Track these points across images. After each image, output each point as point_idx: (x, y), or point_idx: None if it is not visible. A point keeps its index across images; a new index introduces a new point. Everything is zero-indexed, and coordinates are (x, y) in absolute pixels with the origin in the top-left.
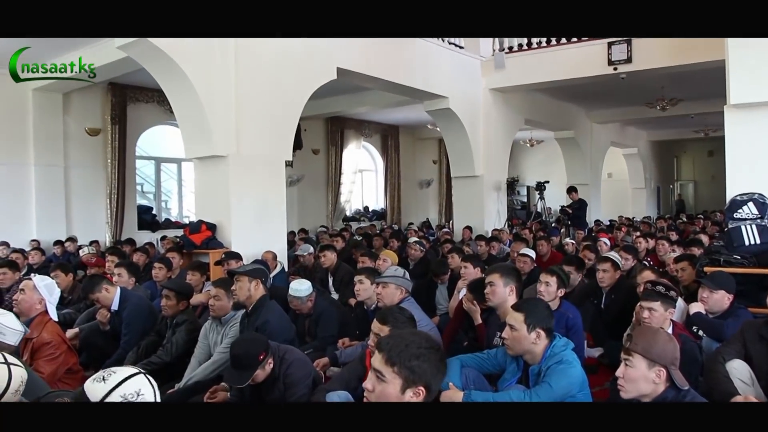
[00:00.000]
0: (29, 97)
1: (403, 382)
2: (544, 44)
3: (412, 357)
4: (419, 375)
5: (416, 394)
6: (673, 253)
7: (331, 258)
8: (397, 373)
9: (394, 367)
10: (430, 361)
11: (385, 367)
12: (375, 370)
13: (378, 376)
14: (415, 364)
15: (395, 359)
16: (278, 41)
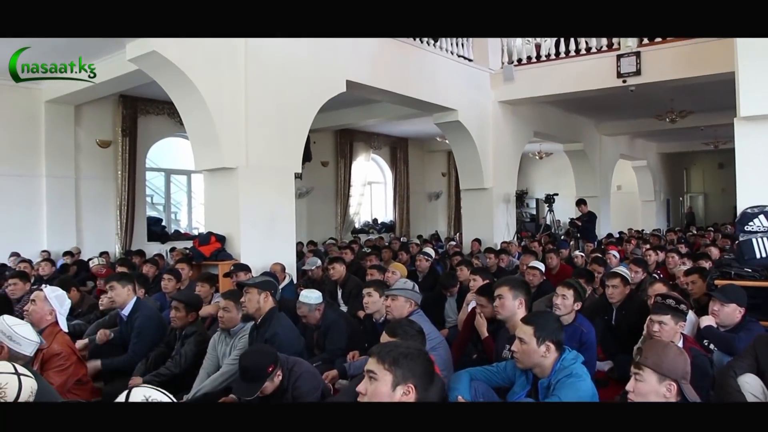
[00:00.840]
0: (42, 109)
1: (393, 379)
2: (553, 57)
3: (400, 355)
4: (409, 372)
5: (406, 393)
6: (683, 266)
7: (340, 270)
8: (387, 369)
9: (384, 363)
10: (417, 361)
11: (376, 365)
12: (367, 371)
13: (370, 375)
14: (404, 362)
15: (385, 357)
16: (288, 53)
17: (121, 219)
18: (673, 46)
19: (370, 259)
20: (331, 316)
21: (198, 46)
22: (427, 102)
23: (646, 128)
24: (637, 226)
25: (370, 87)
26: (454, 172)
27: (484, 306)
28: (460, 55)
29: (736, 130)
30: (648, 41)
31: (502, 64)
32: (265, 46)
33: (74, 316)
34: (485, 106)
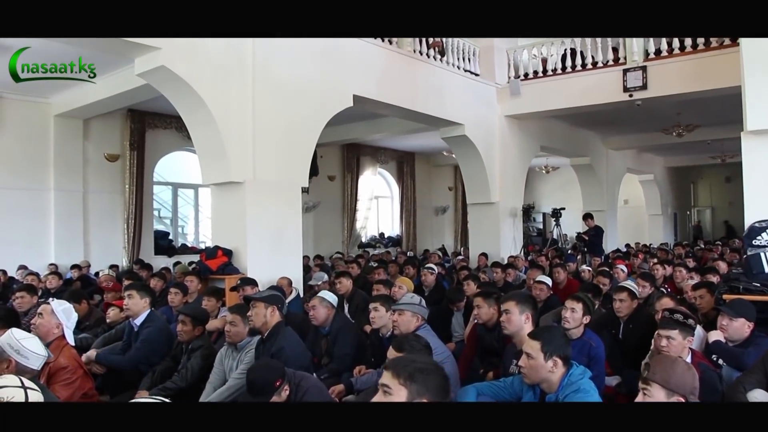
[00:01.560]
0: (51, 123)
1: (408, 394)
2: (559, 71)
3: (416, 371)
4: (423, 387)
5: None
6: (690, 281)
7: (347, 285)
8: (402, 384)
9: (400, 378)
10: (433, 376)
11: (391, 380)
12: (382, 385)
13: (384, 390)
14: (419, 377)
15: (400, 371)
16: (295, 68)
17: (129, 232)
18: (679, 60)
19: (377, 273)
20: (340, 322)
21: (206, 61)
22: (434, 116)
23: (652, 142)
24: (645, 240)
25: (377, 101)
26: (460, 187)
27: (480, 306)
28: (467, 70)
29: (743, 144)
30: (654, 55)
31: (508, 79)
32: (272, 60)
33: (81, 329)
34: (492, 121)
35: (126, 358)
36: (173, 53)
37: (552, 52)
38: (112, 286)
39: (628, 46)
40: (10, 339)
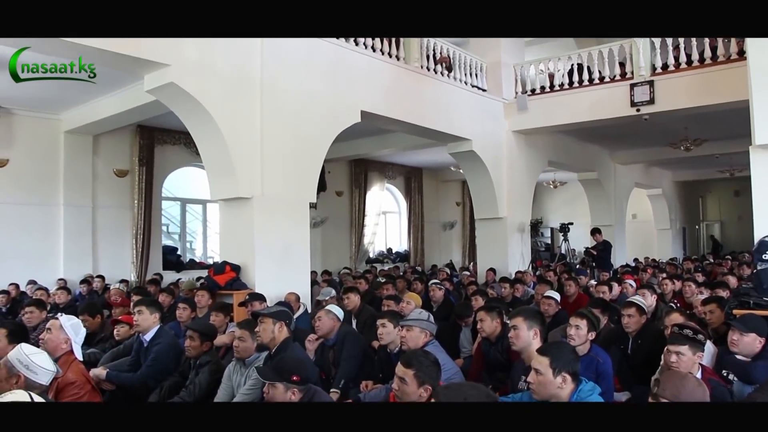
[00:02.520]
0: (61, 139)
1: (418, 382)
2: (566, 86)
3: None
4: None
5: (426, 391)
6: (700, 295)
7: (355, 300)
8: (413, 375)
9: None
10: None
11: (406, 371)
12: (398, 376)
13: (400, 378)
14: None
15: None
16: (303, 84)
17: (137, 248)
18: (687, 74)
19: (385, 288)
20: (345, 330)
21: (215, 77)
22: (442, 132)
23: (660, 156)
24: (653, 255)
25: (384, 117)
26: (468, 202)
27: (483, 320)
28: (474, 85)
29: (752, 158)
30: (661, 70)
31: (515, 94)
32: (280, 76)
33: (96, 341)
34: (499, 136)
35: (136, 377)
36: (182, 70)
37: (559, 67)
38: (120, 302)
39: (635, 61)
40: (20, 354)
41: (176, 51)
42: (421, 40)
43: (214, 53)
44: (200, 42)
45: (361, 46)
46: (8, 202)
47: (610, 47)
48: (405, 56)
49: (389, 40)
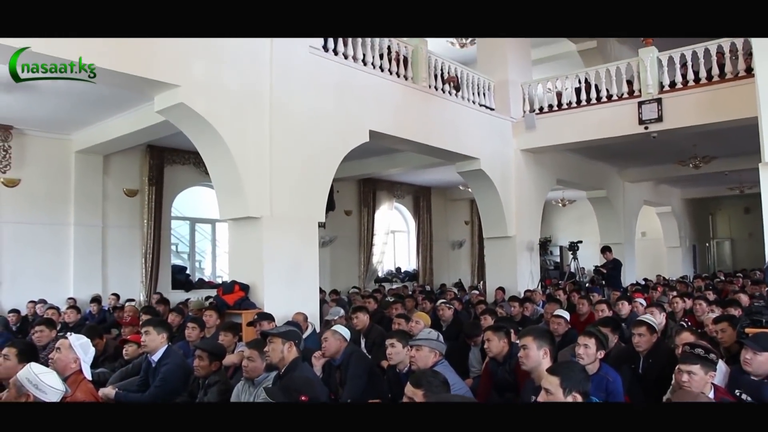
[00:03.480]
0: (72, 159)
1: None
2: (574, 105)
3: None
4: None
5: None
6: (711, 314)
7: (364, 320)
8: (423, 395)
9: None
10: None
11: (415, 391)
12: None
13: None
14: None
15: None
16: (312, 103)
17: (146, 267)
18: (694, 92)
19: (395, 307)
20: (351, 350)
21: (224, 98)
22: (450, 151)
23: (669, 174)
24: (663, 273)
25: (393, 137)
26: (477, 221)
27: (490, 340)
28: (482, 104)
29: (762, 174)
30: (669, 88)
31: (523, 113)
32: (289, 96)
33: (101, 361)
34: (507, 155)
35: (145, 397)
36: (192, 90)
37: (566, 85)
38: (129, 320)
39: (642, 79)
40: (29, 374)
41: (186, 72)
42: (429, 59)
43: (223, 73)
44: (209, 62)
45: (369, 66)
46: (20, 221)
47: (617, 65)
48: (413, 76)
49: (397, 60)
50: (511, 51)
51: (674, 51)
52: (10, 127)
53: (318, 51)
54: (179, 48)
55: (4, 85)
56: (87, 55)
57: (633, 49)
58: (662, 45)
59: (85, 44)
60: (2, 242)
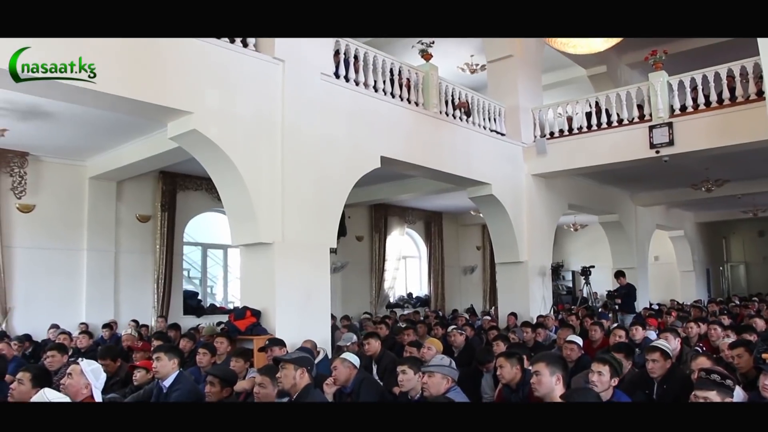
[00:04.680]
0: (86, 185)
1: None
2: (585, 129)
3: None
4: None
5: None
6: (726, 339)
7: (375, 346)
8: None
9: None
10: None
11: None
12: None
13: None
14: None
15: None
16: (324, 130)
17: (158, 292)
18: (705, 115)
19: (406, 333)
20: (361, 376)
21: (236, 124)
22: (461, 176)
23: (681, 198)
24: (677, 297)
25: (404, 163)
26: (488, 246)
27: (503, 366)
28: (493, 130)
29: None
30: (680, 111)
31: (534, 138)
32: (301, 122)
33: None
34: (519, 180)
35: None
36: (204, 117)
37: (577, 110)
38: (141, 346)
39: (653, 103)
40: (42, 399)
41: (199, 99)
42: (440, 85)
43: (236, 100)
44: (222, 89)
45: (380, 92)
46: (33, 246)
47: (627, 90)
48: (424, 102)
49: (408, 86)
50: (522, 76)
51: (684, 75)
52: (26, 154)
53: (329, 78)
54: (192, 75)
55: (21, 112)
56: (103, 81)
57: (643, 73)
58: (672, 69)
59: (103, 71)
60: (16, 267)
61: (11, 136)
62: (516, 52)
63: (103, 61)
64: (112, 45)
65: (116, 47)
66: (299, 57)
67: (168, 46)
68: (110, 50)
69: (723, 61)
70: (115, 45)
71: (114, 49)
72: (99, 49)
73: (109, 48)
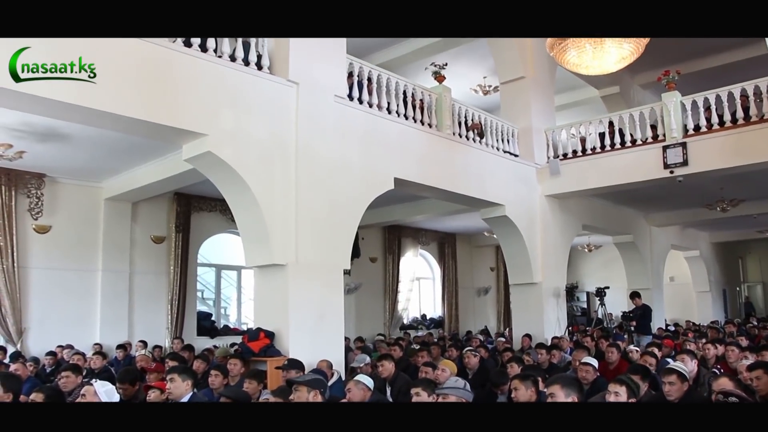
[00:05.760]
0: (101, 206)
1: None
2: (598, 150)
3: None
4: None
5: None
6: (744, 360)
7: (389, 368)
8: None
9: None
10: None
11: None
12: None
13: None
14: None
15: None
16: (337, 152)
17: (172, 313)
18: (720, 135)
19: (421, 355)
20: (374, 398)
21: (250, 146)
22: (475, 198)
23: (696, 218)
24: (693, 318)
25: (417, 184)
26: (502, 267)
27: (517, 389)
28: (506, 151)
29: None
30: (693, 131)
31: (547, 159)
32: (314, 144)
33: None
34: (532, 201)
35: None
36: (219, 138)
37: (590, 130)
38: (154, 367)
39: (666, 123)
40: None
41: (213, 121)
42: (453, 106)
43: (250, 122)
44: (236, 112)
45: (393, 114)
46: (49, 267)
47: (640, 110)
48: (437, 123)
49: (421, 108)
50: (535, 97)
51: (698, 95)
52: (43, 175)
53: (343, 100)
54: (207, 98)
55: (39, 135)
56: (118, 104)
57: (656, 93)
58: (685, 89)
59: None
60: (31, 288)
61: (29, 158)
62: (528, 73)
63: (118, 83)
64: (127, 67)
65: (132, 69)
66: (313, 79)
67: (183, 69)
68: (126, 73)
69: (736, 81)
70: (131, 67)
71: (130, 72)
72: (114, 72)
73: (124, 70)
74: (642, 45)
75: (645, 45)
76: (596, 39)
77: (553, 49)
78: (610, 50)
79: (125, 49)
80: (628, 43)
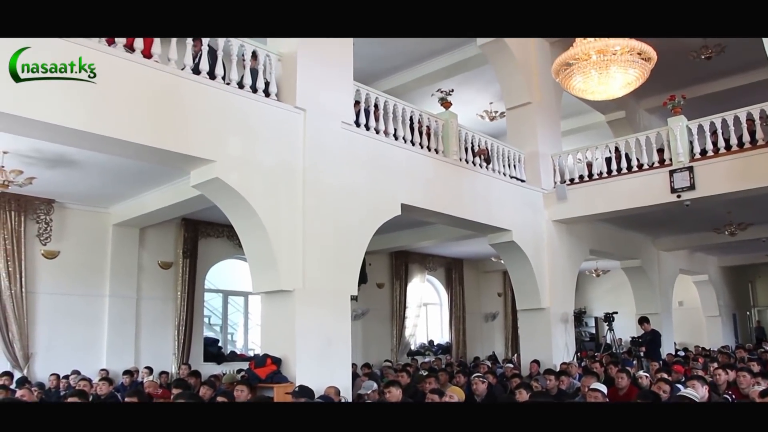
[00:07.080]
0: (109, 232)
1: None
2: (605, 174)
3: None
4: None
5: None
6: (757, 386)
7: (396, 394)
8: None
9: None
10: None
11: None
12: None
13: None
14: None
15: None
16: (344, 178)
17: (179, 339)
18: (726, 159)
19: (429, 382)
20: None
21: (258, 172)
22: (482, 223)
23: (704, 242)
24: (703, 343)
25: (424, 210)
26: (510, 293)
27: None
28: (513, 176)
29: None
30: (700, 156)
31: (554, 184)
32: (321, 170)
33: None
34: (539, 226)
35: None
36: (227, 165)
37: (596, 155)
38: (161, 393)
39: (672, 147)
40: None
41: (221, 147)
42: (459, 132)
43: (257, 149)
44: (244, 138)
45: (400, 140)
46: (56, 292)
47: (647, 135)
48: (444, 149)
49: (428, 134)
50: (541, 123)
51: (704, 119)
52: (52, 201)
53: (350, 126)
54: (215, 124)
55: (48, 161)
56: (127, 131)
57: (662, 118)
58: (691, 114)
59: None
60: (38, 313)
61: (38, 183)
62: (535, 99)
63: (127, 110)
64: (136, 94)
65: (141, 96)
66: (320, 106)
67: (191, 96)
68: (134, 99)
69: (742, 105)
70: (140, 94)
71: (138, 99)
72: (123, 99)
73: (133, 97)
74: (647, 70)
75: (650, 70)
76: (601, 65)
77: (559, 74)
78: (616, 75)
79: (134, 75)
80: (633, 68)
